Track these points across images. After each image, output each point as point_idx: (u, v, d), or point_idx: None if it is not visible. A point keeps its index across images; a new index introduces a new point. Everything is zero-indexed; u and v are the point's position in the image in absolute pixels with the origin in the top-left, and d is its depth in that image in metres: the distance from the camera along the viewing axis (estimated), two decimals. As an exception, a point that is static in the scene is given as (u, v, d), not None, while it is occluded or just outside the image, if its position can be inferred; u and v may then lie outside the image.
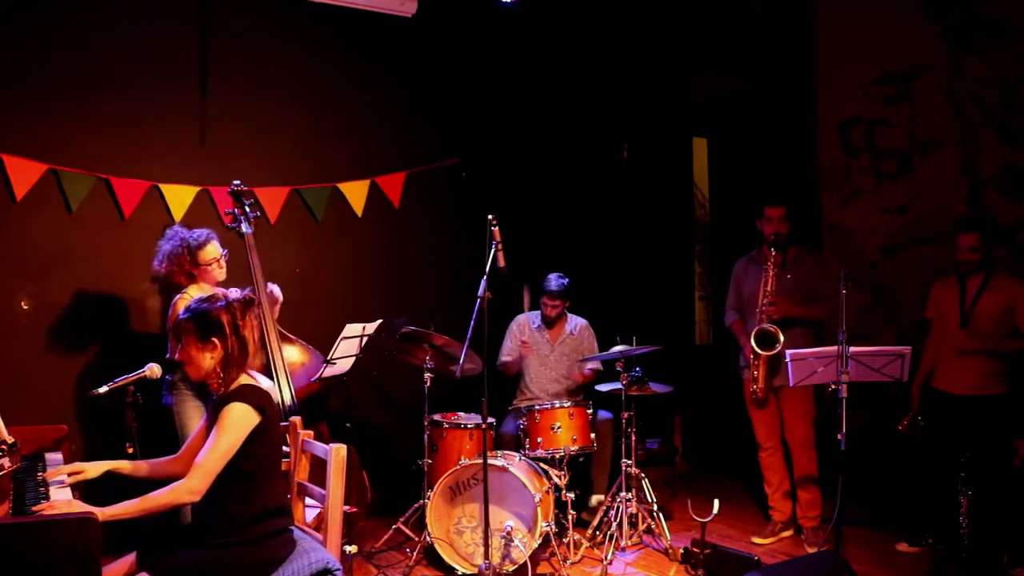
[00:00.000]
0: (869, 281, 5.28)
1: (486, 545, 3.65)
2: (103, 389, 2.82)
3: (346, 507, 2.82)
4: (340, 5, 4.81)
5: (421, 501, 4.25)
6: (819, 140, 5.63)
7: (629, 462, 4.35)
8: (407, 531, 4.35)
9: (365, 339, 4.17)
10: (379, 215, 5.14)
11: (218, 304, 2.56)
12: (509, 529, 3.90)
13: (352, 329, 4.05)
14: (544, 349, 4.89)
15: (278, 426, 2.62)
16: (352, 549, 3.25)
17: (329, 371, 4.07)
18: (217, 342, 2.53)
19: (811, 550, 4.32)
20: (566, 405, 4.30)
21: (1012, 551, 3.84)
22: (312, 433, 3.01)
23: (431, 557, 4.07)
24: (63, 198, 4.22)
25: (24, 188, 4.12)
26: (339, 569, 2.57)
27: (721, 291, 6.62)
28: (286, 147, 4.87)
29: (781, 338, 4.18)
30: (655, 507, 4.41)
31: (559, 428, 4.23)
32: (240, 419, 2.45)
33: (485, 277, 3.63)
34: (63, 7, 4.23)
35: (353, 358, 4.18)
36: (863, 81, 5.35)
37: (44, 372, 4.19)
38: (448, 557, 3.98)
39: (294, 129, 4.89)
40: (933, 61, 5.02)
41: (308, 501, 2.96)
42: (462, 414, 4.51)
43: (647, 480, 4.45)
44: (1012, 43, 4.66)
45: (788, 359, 3.76)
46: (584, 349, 4.90)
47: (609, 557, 4.10)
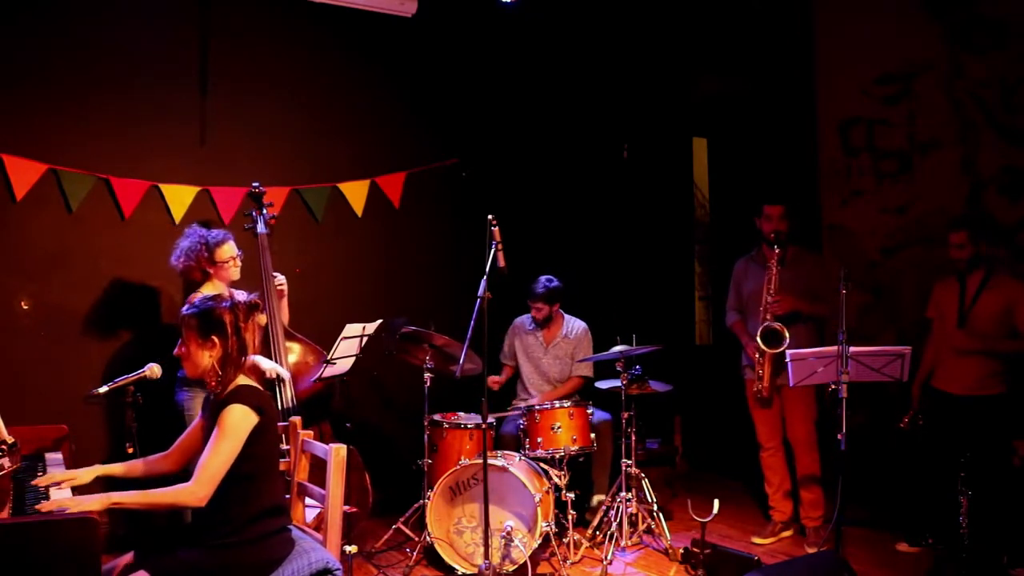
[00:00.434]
0: (869, 281, 5.29)
1: (486, 545, 3.65)
2: (103, 389, 2.82)
3: (346, 507, 2.82)
4: (340, 5, 4.81)
5: (421, 501, 4.25)
6: (819, 140, 5.63)
7: (629, 462, 4.35)
8: (407, 531, 4.35)
9: (365, 339, 4.17)
10: (379, 215, 5.14)
11: (223, 304, 2.57)
12: (509, 529, 3.90)
13: (352, 329, 4.05)
14: (537, 351, 4.88)
15: (276, 425, 2.62)
16: (352, 549, 3.26)
17: (329, 371, 4.07)
18: (217, 341, 2.54)
19: (811, 550, 4.32)
20: (566, 405, 4.30)
21: (1012, 551, 3.83)
22: (312, 433, 3.01)
23: (431, 557, 4.07)
24: (63, 198, 4.22)
25: (24, 188, 4.12)
26: (339, 569, 2.57)
27: (721, 291, 6.62)
28: (286, 147, 4.87)
29: (787, 336, 4.18)
30: (655, 507, 4.41)
31: (559, 428, 4.23)
32: (240, 421, 2.45)
33: (485, 277, 3.64)
34: (63, 7, 4.23)
35: (353, 358, 4.18)
36: (863, 81, 5.35)
37: (44, 372, 4.19)
38: (448, 557, 3.98)
39: (294, 129, 4.89)
40: (933, 61, 5.02)
41: (308, 501, 2.96)
42: (462, 414, 4.51)
43: (647, 480, 4.45)
44: (1012, 43, 4.67)
45: (788, 359, 3.76)
46: (578, 354, 4.86)
47: (609, 557, 4.10)
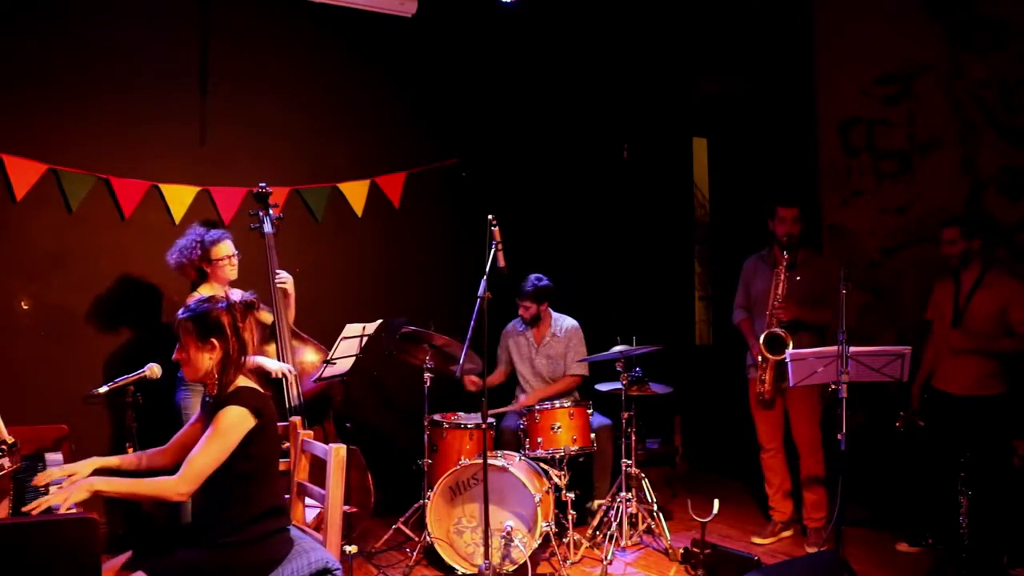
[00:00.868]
0: (869, 281, 5.28)
1: (486, 545, 3.65)
2: (103, 389, 2.82)
3: (346, 507, 2.82)
4: (340, 5, 4.81)
5: (421, 501, 4.25)
6: (819, 140, 5.62)
7: (629, 462, 4.35)
8: (407, 531, 4.35)
9: (365, 339, 4.17)
10: (379, 215, 5.14)
11: (219, 305, 2.55)
12: (509, 529, 3.90)
13: (352, 329, 4.05)
14: (529, 351, 4.87)
15: (276, 426, 2.61)
16: (352, 549, 3.25)
17: (329, 371, 4.07)
18: (216, 343, 2.52)
19: (811, 550, 4.31)
20: (566, 405, 4.30)
21: (1012, 551, 3.83)
22: (312, 433, 3.01)
23: (431, 557, 4.07)
24: (63, 198, 4.23)
25: (24, 188, 4.12)
26: (339, 569, 2.57)
27: (721, 291, 6.64)
28: (286, 147, 4.87)
29: (791, 343, 4.16)
30: (655, 507, 4.41)
31: (559, 428, 4.23)
32: (234, 424, 2.43)
33: (485, 277, 3.64)
34: (63, 7, 4.23)
35: (353, 358, 4.18)
36: (863, 81, 5.35)
37: (44, 372, 4.19)
38: (448, 557, 3.98)
39: (294, 129, 4.89)
40: (933, 61, 5.02)
41: (308, 501, 2.96)
42: (462, 414, 4.51)
43: (647, 480, 4.45)
44: (1012, 43, 4.66)
45: (788, 359, 3.75)
46: (571, 352, 4.81)
47: (609, 557, 4.09)
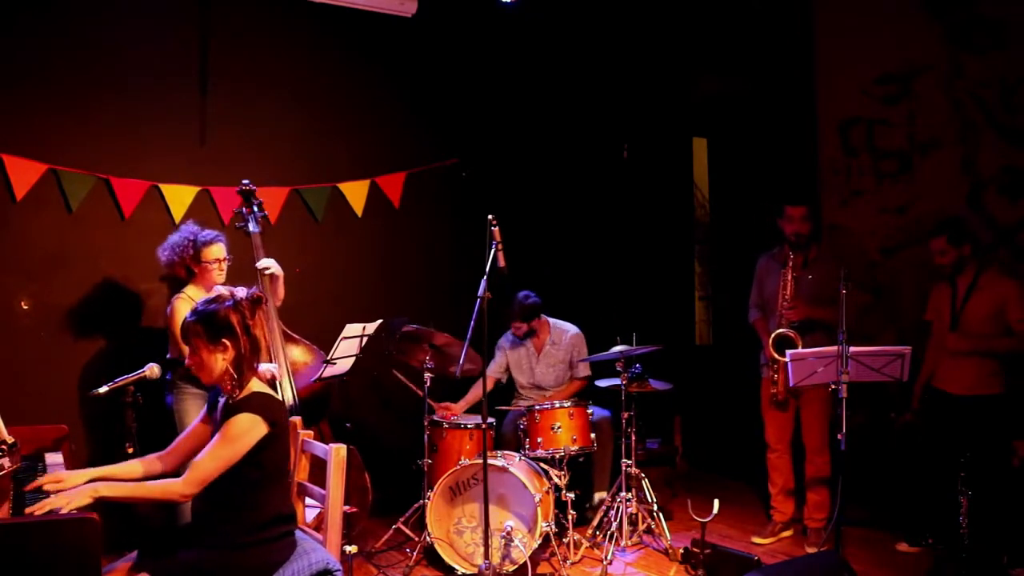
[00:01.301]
0: (869, 281, 5.28)
1: (486, 545, 3.65)
2: (103, 389, 2.82)
3: (346, 507, 2.82)
4: (340, 5, 4.81)
5: (421, 501, 4.25)
6: (819, 140, 5.62)
7: (629, 462, 4.35)
8: (407, 531, 4.35)
9: (365, 339, 4.17)
10: (379, 215, 5.14)
11: (226, 304, 2.52)
12: (509, 529, 3.90)
13: (352, 329, 4.05)
14: (529, 361, 4.87)
15: (287, 434, 2.59)
16: (352, 549, 3.26)
17: (329, 371, 4.07)
18: (228, 343, 2.49)
19: (811, 550, 4.32)
20: (566, 405, 4.30)
21: (1012, 551, 3.84)
22: (312, 433, 3.01)
23: (431, 557, 4.07)
24: (63, 198, 4.22)
25: (24, 188, 4.11)
26: (339, 570, 2.57)
27: (721, 291, 6.65)
28: (286, 147, 4.87)
29: (800, 346, 4.15)
30: (655, 507, 4.41)
31: (559, 428, 4.23)
32: (246, 431, 2.41)
33: (485, 277, 3.64)
34: (63, 7, 4.23)
35: (353, 358, 4.18)
36: (863, 81, 5.35)
37: (44, 372, 4.19)
38: (448, 557, 3.98)
39: (294, 129, 4.89)
40: (933, 61, 5.02)
41: (308, 501, 2.96)
42: (462, 414, 4.50)
43: (647, 480, 4.45)
44: (1012, 43, 4.66)
45: (788, 359, 3.75)
46: (575, 358, 4.84)
47: (609, 557, 4.10)
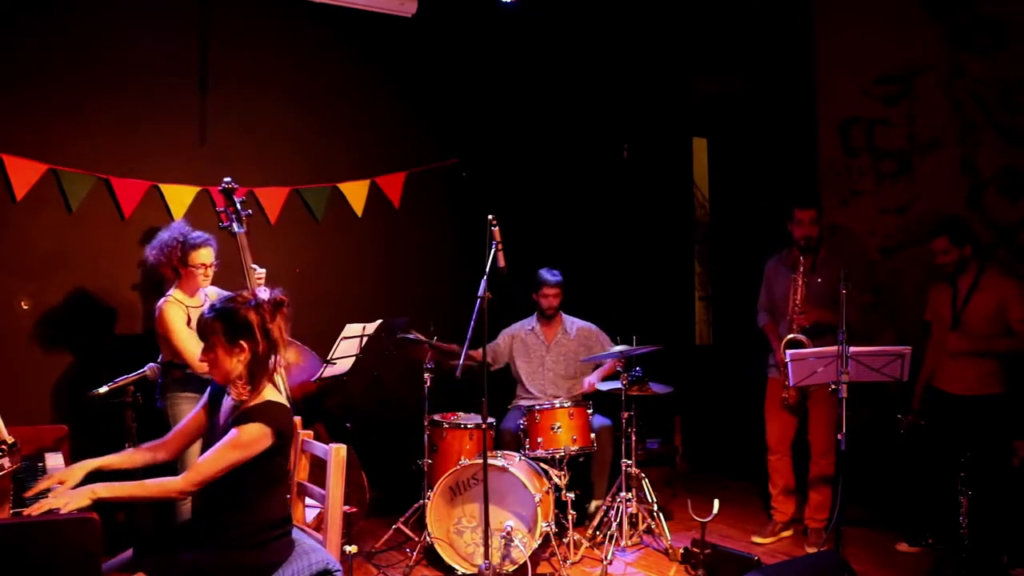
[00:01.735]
0: (869, 281, 5.29)
1: (486, 545, 3.65)
2: (103, 389, 2.82)
3: (346, 507, 2.82)
4: (340, 5, 4.81)
5: (421, 501, 4.25)
6: (819, 140, 5.62)
7: (629, 462, 4.35)
8: (407, 531, 4.35)
9: (365, 339, 4.17)
10: (379, 215, 5.14)
11: (247, 303, 2.48)
12: (509, 529, 3.90)
13: (352, 329, 4.04)
14: (539, 350, 4.88)
15: (294, 443, 2.59)
16: (352, 549, 3.25)
17: (329, 371, 4.07)
18: (245, 345, 2.45)
19: (811, 550, 4.32)
20: (566, 405, 4.30)
21: (1012, 551, 3.83)
22: (312, 433, 3.01)
23: (431, 557, 4.07)
24: (63, 198, 4.22)
25: (24, 188, 4.12)
26: (339, 570, 2.57)
27: (721, 291, 6.64)
28: (286, 147, 4.87)
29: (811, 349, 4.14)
30: (655, 507, 4.41)
31: (559, 428, 4.23)
32: (253, 441, 2.39)
33: (485, 277, 3.64)
34: (63, 7, 4.23)
35: (353, 358, 4.18)
36: (863, 81, 5.35)
37: (44, 372, 4.19)
38: (448, 557, 3.98)
39: (294, 129, 4.89)
40: (933, 61, 5.02)
41: (308, 501, 2.96)
42: (462, 414, 4.51)
43: (647, 480, 4.45)
44: (1012, 43, 4.66)
45: (788, 359, 3.75)
46: (595, 348, 4.86)
47: (609, 557, 4.10)
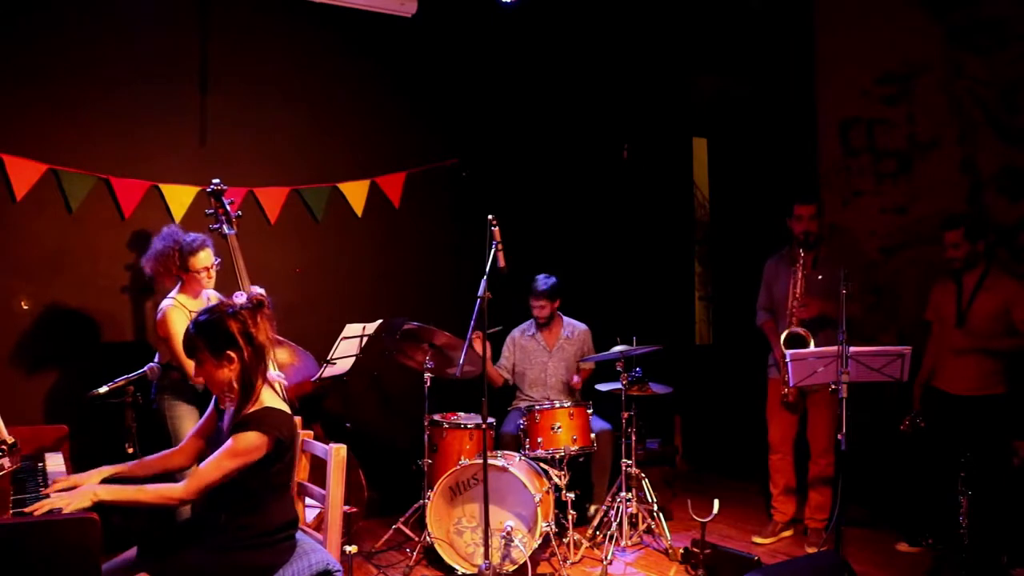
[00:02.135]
0: (869, 281, 5.29)
1: (486, 545, 3.65)
2: (103, 389, 2.82)
3: (346, 507, 2.82)
4: (340, 5, 4.81)
5: (421, 501, 4.25)
6: (819, 140, 5.63)
7: (629, 462, 4.35)
8: (407, 531, 4.35)
9: (365, 339, 4.16)
10: (379, 215, 5.14)
11: (227, 312, 2.47)
12: (509, 529, 3.90)
13: (352, 329, 4.04)
14: (540, 356, 4.87)
15: (296, 446, 2.58)
16: (352, 549, 3.25)
17: (329, 371, 4.07)
18: (232, 355, 2.44)
19: (811, 550, 4.32)
20: (566, 405, 4.30)
21: (1012, 551, 3.84)
22: (312, 433, 3.01)
23: (431, 557, 4.07)
24: (63, 198, 4.22)
25: (24, 188, 4.12)
26: (339, 570, 2.56)
27: (721, 291, 6.64)
28: (286, 147, 4.87)
29: (812, 344, 4.16)
30: (655, 507, 4.41)
31: (559, 428, 4.23)
32: (251, 448, 2.38)
33: (485, 277, 3.64)
34: (63, 7, 4.23)
35: (353, 358, 4.18)
36: (863, 81, 5.35)
37: (44, 372, 4.19)
38: (448, 557, 3.98)
39: (294, 129, 4.89)
40: (933, 61, 5.02)
41: (308, 501, 2.96)
42: (462, 414, 4.51)
43: (647, 480, 4.45)
44: (1012, 43, 4.66)
45: (788, 359, 3.75)
46: (585, 351, 4.90)
47: (609, 557, 4.10)
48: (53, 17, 4.22)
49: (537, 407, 4.30)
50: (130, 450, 2.85)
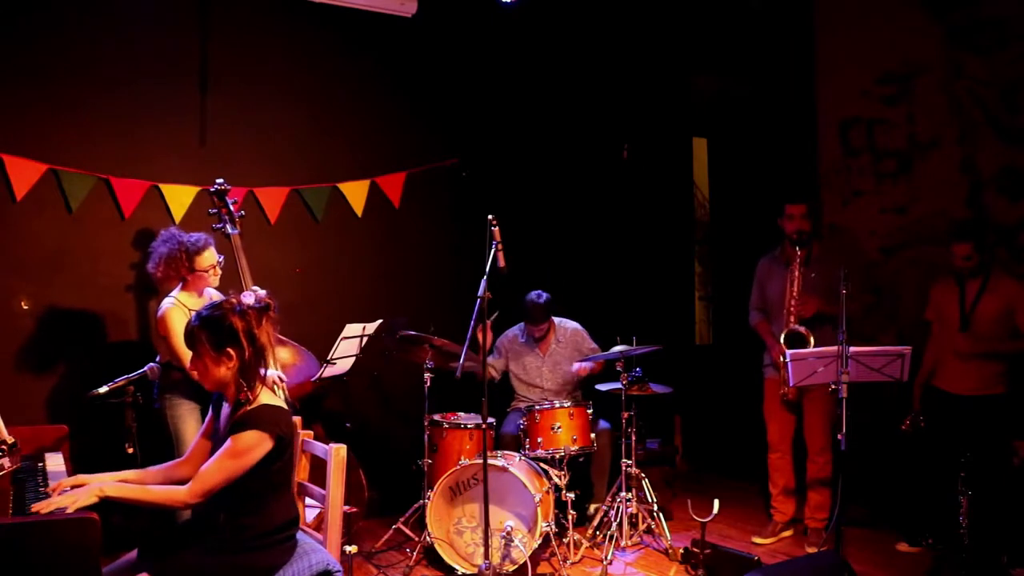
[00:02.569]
0: (869, 281, 5.29)
1: (486, 545, 3.65)
2: (103, 389, 2.82)
3: (346, 507, 2.82)
4: (340, 5, 4.81)
5: (421, 501, 4.25)
6: (819, 140, 5.63)
7: (629, 462, 4.35)
8: (407, 531, 4.35)
9: (365, 339, 4.16)
10: (379, 215, 5.14)
11: (232, 310, 2.46)
12: (509, 529, 3.90)
13: (352, 329, 4.04)
14: (535, 362, 4.86)
15: (296, 445, 2.57)
16: (352, 549, 3.25)
17: (329, 371, 4.07)
18: (232, 352, 2.43)
19: (811, 550, 4.32)
20: (566, 405, 4.30)
21: (1012, 551, 3.84)
22: (312, 433, 3.01)
23: (431, 557, 4.07)
24: (63, 198, 4.22)
25: (24, 188, 4.12)
26: (339, 570, 2.56)
27: (721, 291, 6.64)
28: (286, 147, 4.87)
29: (812, 341, 4.16)
30: (655, 507, 4.41)
31: (559, 428, 4.23)
32: (251, 447, 2.38)
33: (485, 277, 3.64)
34: (63, 7, 4.23)
35: (353, 358, 4.18)
36: (863, 81, 5.35)
37: (44, 372, 4.19)
38: (448, 557, 3.98)
39: (294, 129, 4.89)
40: (933, 61, 5.02)
41: (308, 501, 2.96)
42: (462, 414, 4.51)
43: (647, 480, 4.45)
44: (1012, 43, 4.66)
45: (788, 358, 3.75)
46: (584, 349, 4.87)
47: (609, 557, 4.10)
48: (53, 17, 4.22)
49: (537, 407, 4.30)
50: (130, 450, 2.85)
